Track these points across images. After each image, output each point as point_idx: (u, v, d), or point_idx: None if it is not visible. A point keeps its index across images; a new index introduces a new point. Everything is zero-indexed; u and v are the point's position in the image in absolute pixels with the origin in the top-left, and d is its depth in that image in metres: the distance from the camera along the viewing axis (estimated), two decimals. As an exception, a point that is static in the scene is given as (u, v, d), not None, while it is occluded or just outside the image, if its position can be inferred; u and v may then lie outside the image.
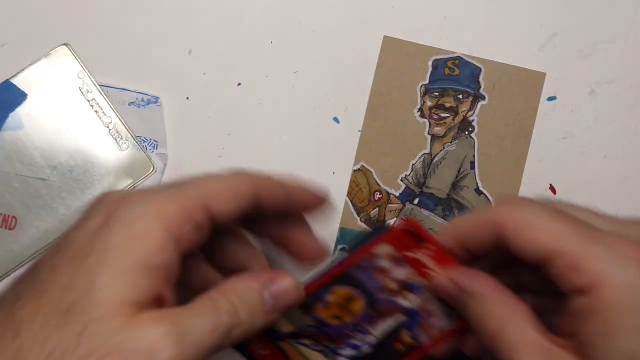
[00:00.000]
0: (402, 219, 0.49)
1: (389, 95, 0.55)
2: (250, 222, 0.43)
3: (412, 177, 0.54)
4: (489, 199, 0.54)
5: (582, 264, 0.35)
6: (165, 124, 0.54)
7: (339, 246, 0.53)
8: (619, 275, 0.34)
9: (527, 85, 0.55)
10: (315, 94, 0.55)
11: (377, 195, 0.54)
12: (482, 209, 0.40)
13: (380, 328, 0.44)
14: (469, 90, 0.55)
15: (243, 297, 0.37)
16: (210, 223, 0.37)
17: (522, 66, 0.55)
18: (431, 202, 0.54)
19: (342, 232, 0.53)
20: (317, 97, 0.55)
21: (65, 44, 0.53)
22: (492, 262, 0.42)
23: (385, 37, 0.55)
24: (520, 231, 0.37)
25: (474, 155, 0.54)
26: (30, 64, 0.53)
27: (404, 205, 0.54)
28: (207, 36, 0.55)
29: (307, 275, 0.43)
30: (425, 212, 0.54)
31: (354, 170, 0.55)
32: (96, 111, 0.53)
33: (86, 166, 0.52)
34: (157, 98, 0.54)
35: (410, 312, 0.43)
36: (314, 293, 0.43)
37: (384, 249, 0.43)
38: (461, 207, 0.54)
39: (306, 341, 0.44)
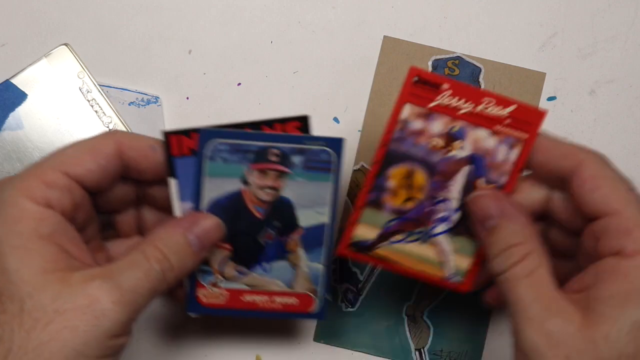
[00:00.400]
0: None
1: (389, 95, 0.55)
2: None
3: None
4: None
5: (635, 231, 0.37)
6: (165, 124, 0.54)
7: None
8: None
9: (527, 85, 0.55)
10: (315, 94, 0.55)
11: None
12: (567, 144, 0.41)
13: (454, 189, 0.43)
14: None
15: (169, 244, 0.40)
16: (79, 184, 0.40)
17: (522, 66, 0.55)
18: None
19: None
20: (317, 97, 0.55)
21: (65, 44, 0.53)
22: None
23: (385, 37, 0.55)
24: (596, 179, 0.39)
25: None
26: (30, 64, 0.53)
27: None
28: (207, 36, 0.55)
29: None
30: None
31: (354, 170, 0.55)
32: (96, 111, 0.53)
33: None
34: (157, 98, 0.54)
35: (471, 159, 0.43)
36: (374, 186, 0.43)
37: (407, 111, 0.42)
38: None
39: (397, 237, 0.44)
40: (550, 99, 0.55)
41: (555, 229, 0.44)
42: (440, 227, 0.44)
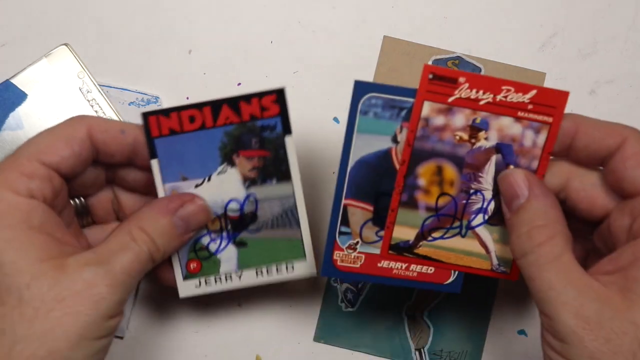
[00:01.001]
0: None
1: None
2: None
3: None
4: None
5: None
6: None
7: None
8: None
9: None
10: (315, 94, 0.55)
11: None
12: (608, 123, 0.41)
13: (486, 179, 0.43)
14: None
15: (155, 226, 0.41)
16: (56, 171, 0.40)
17: (522, 66, 0.55)
18: None
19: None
20: (317, 97, 0.55)
21: (65, 44, 0.53)
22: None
23: (385, 37, 0.55)
24: (635, 159, 0.39)
25: None
26: (30, 64, 0.53)
27: None
28: (207, 36, 0.55)
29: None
30: None
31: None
32: (96, 111, 0.53)
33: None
34: (157, 98, 0.54)
35: (499, 148, 0.43)
36: (405, 187, 0.43)
37: (427, 109, 0.42)
38: None
39: (436, 234, 0.44)
40: (550, 99, 0.55)
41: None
42: (478, 219, 0.44)
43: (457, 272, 0.44)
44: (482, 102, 0.42)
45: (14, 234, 0.37)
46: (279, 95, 0.45)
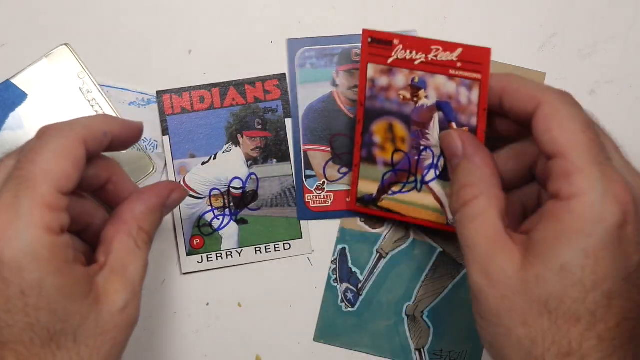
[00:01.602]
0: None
1: None
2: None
3: None
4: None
5: (576, 178, 0.37)
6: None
7: (339, 246, 0.53)
8: (598, 205, 0.36)
9: None
10: (315, 94, 0.55)
11: None
12: (533, 85, 0.42)
13: (433, 136, 0.46)
14: None
15: (151, 222, 0.42)
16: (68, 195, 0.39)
17: (522, 66, 0.55)
18: None
19: (342, 232, 0.53)
20: (317, 97, 0.55)
21: (66, 44, 0.53)
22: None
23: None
24: (548, 119, 0.39)
25: None
26: (30, 64, 0.53)
27: None
28: (207, 36, 0.55)
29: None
30: None
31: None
32: (96, 111, 0.53)
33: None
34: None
35: (439, 106, 0.45)
36: (363, 142, 0.47)
37: (371, 71, 0.45)
38: None
39: (395, 188, 0.48)
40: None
41: None
42: (430, 174, 0.47)
43: None
44: (417, 62, 0.45)
45: (62, 281, 0.37)
46: (281, 80, 0.49)
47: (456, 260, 0.53)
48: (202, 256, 0.49)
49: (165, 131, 0.48)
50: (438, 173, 0.46)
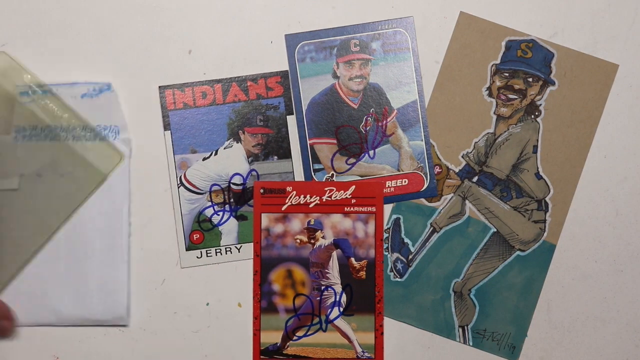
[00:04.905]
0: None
1: (459, 71, 0.54)
2: None
3: (473, 154, 0.55)
4: (548, 185, 0.54)
5: None
6: (123, 110, 0.53)
7: (394, 216, 0.52)
8: None
9: (599, 76, 0.54)
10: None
11: (437, 170, 0.54)
12: None
13: (333, 274, 0.48)
14: (539, 74, 0.55)
15: None
16: None
17: (597, 56, 0.54)
18: (490, 181, 0.55)
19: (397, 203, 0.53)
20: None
21: (3, 52, 0.52)
22: None
23: (461, 12, 0.55)
24: None
25: (537, 140, 0.55)
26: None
27: (462, 182, 0.54)
28: (207, 36, 0.55)
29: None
30: (483, 191, 0.54)
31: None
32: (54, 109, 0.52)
33: (54, 166, 0.52)
34: (109, 85, 0.53)
35: (337, 244, 0.47)
36: (262, 293, 0.48)
37: (265, 220, 0.47)
38: (519, 190, 0.54)
39: (299, 333, 0.48)
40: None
41: None
42: (334, 312, 0.48)
43: (431, 177, 0.51)
44: (311, 205, 0.47)
45: None
46: (283, 77, 0.49)
47: (509, 242, 0.53)
48: (201, 251, 0.50)
49: (167, 126, 0.49)
50: (341, 310, 0.48)
